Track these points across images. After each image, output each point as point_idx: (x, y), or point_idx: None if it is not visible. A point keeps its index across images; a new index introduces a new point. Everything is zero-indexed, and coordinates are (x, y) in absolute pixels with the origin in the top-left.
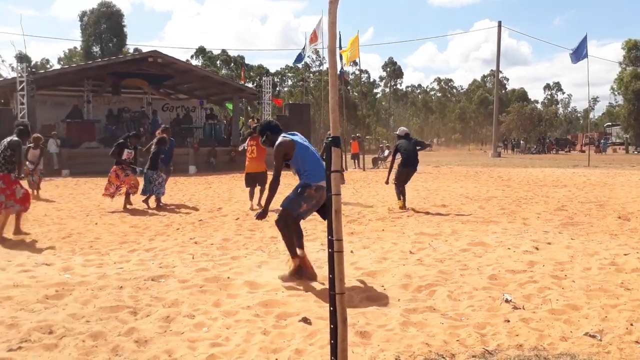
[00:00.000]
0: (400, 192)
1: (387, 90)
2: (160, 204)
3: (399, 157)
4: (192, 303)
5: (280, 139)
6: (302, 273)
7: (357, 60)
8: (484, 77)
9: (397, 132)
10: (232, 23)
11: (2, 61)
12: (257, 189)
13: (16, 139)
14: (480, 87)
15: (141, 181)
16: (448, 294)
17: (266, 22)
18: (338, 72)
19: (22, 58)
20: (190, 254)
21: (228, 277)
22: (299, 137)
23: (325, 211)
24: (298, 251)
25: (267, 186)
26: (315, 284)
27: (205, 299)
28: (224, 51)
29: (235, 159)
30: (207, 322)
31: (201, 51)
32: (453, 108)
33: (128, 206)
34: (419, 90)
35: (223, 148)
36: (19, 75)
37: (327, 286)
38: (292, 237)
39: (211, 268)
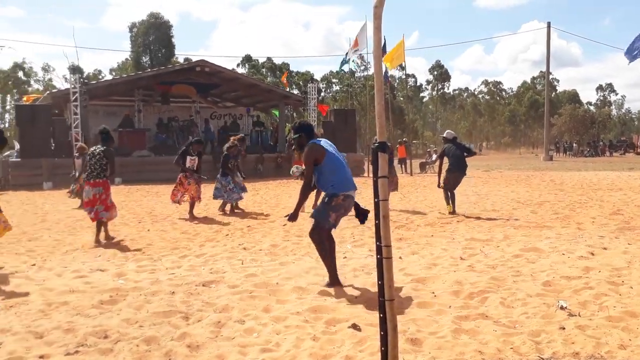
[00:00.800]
0: (449, 197)
1: (434, 93)
2: (236, 210)
3: (446, 161)
4: (242, 308)
5: (310, 145)
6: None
7: (403, 65)
8: (533, 78)
9: (444, 135)
10: (277, 30)
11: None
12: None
13: (109, 149)
14: (530, 89)
15: (211, 188)
16: (501, 301)
17: (310, 29)
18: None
19: (75, 69)
20: (239, 260)
21: (277, 283)
22: (326, 143)
23: (363, 216)
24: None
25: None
26: (364, 290)
27: (255, 305)
28: (269, 59)
29: (281, 165)
30: (257, 327)
31: (247, 59)
32: (502, 111)
33: (192, 219)
34: (466, 94)
35: (270, 155)
36: (72, 86)
37: (375, 292)
38: (326, 248)
39: (260, 274)
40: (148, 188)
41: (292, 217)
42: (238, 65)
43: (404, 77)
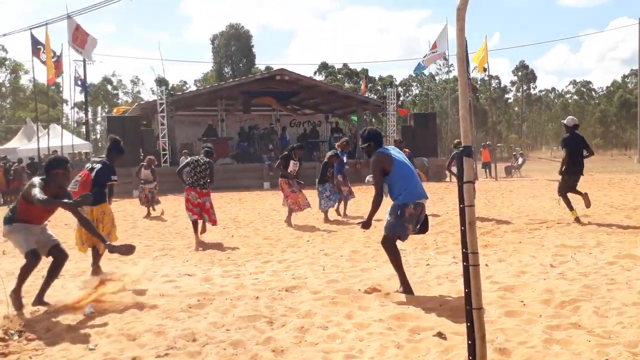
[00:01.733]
0: (568, 201)
1: (519, 95)
2: (328, 217)
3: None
4: (325, 314)
5: (377, 154)
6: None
7: (486, 66)
8: (624, 77)
9: (565, 122)
10: (355, 36)
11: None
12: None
13: (212, 162)
14: (621, 88)
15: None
16: (594, 310)
17: (389, 34)
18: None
19: (161, 81)
20: (320, 266)
21: (359, 289)
22: (394, 151)
23: (423, 226)
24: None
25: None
26: (448, 298)
27: (337, 311)
28: (345, 65)
29: (360, 171)
30: (340, 333)
31: (323, 67)
32: (592, 111)
33: (289, 224)
34: (553, 94)
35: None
36: (159, 97)
37: (460, 300)
38: (399, 258)
39: (342, 280)
40: (231, 195)
41: (365, 224)
42: (315, 73)
43: (486, 78)
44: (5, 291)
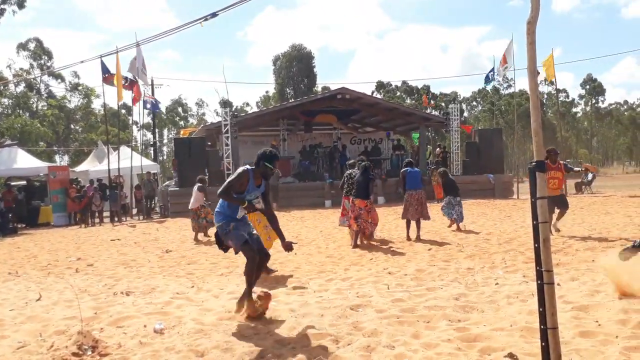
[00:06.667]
0: None
1: (588, 109)
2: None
3: None
4: (391, 333)
5: None
6: None
7: (553, 80)
8: None
9: None
10: (414, 54)
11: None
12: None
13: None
14: None
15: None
16: None
17: (448, 51)
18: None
19: (225, 103)
20: (385, 284)
21: (425, 307)
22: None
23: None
24: None
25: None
26: (519, 318)
27: (404, 330)
28: (404, 82)
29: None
30: (408, 353)
31: (380, 86)
32: None
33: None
34: (624, 107)
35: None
36: (223, 119)
37: (532, 320)
38: None
39: (407, 299)
40: (293, 213)
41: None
42: (373, 92)
43: (553, 92)
44: (79, 307)
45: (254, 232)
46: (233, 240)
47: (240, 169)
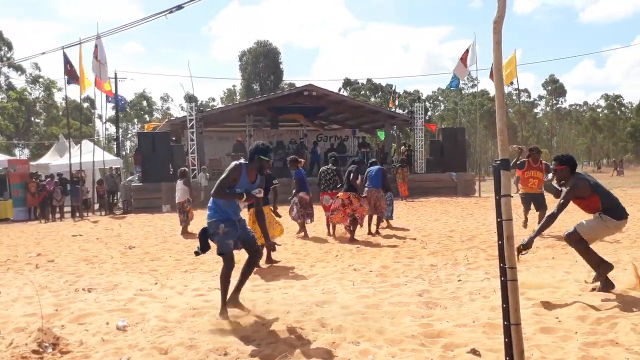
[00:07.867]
0: None
1: (549, 109)
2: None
3: None
4: (356, 330)
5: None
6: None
7: (514, 80)
8: None
9: None
10: (377, 53)
11: (172, 101)
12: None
13: (339, 169)
14: None
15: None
16: (632, 327)
17: (410, 51)
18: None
19: (190, 98)
20: (350, 281)
21: (389, 304)
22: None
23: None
24: None
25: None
26: (481, 314)
27: (369, 326)
28: (369, 80)
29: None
30: (372, 349)
31: (347, 83)
32: (624, 126)
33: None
34: (584, 108)
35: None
36: (189, 114)
37: (494, 316)
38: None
39: (372, 295)
40: None
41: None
42: (340, 89)
43: (514, 92)
44: (40, 304)
45: (250, 231)
46: (217, 245)
47: (232, 164)
